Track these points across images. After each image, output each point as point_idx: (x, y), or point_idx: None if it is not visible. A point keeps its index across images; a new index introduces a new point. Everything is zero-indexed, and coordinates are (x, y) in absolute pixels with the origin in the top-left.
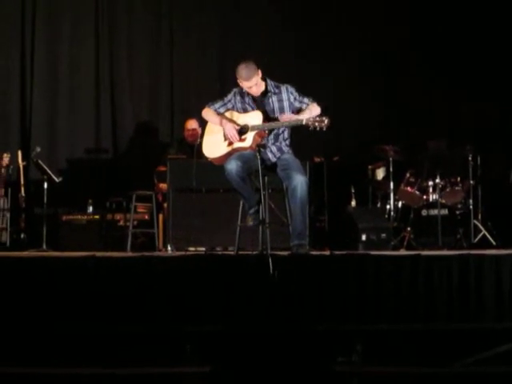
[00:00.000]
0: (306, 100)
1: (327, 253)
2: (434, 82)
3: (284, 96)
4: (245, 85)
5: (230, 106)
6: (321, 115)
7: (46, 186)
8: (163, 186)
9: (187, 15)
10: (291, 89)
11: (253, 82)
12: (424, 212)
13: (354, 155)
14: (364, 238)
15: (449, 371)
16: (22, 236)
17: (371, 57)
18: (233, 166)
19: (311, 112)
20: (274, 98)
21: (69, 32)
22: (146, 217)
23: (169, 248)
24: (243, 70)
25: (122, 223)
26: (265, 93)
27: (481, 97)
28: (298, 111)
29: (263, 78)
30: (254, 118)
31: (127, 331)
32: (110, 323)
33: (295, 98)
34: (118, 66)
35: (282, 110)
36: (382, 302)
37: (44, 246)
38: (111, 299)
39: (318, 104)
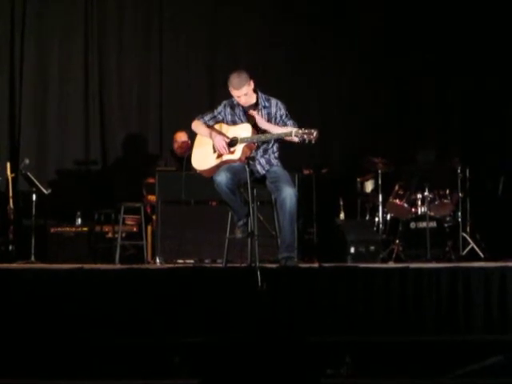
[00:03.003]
0: (289, 123)
1: (316, 265)
2: (424, 94)
3: (273, 110)
4: (234, 93)
5: (220, 118)
6: (309, 128)
7: (34, 197)
8: (152, 197)
9: (177, 26)
10: (281, 105)
11: (242, 92)
12: (413, 224)
13: (343, 167)
14: (353, 250)
15: (438, 383)
16: (11, 248)
17: (360, 69)
18: (222, 177)
19: (287, 136)
20: (264, 112)
21: (58, 43)
22: (135, 229)
23: (157, 260)
24: (235, 79)
25: (110, 235)
26: (255, 105)
27: (470, 108)
28: None
29: (255, 90)
30: (244, 130)
31: (115, 343)
32: (98, 336)
33: (281, 116)
34: (107, 78)
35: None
36: (370, 315)
37: (32, 258)
38: (99, 311)
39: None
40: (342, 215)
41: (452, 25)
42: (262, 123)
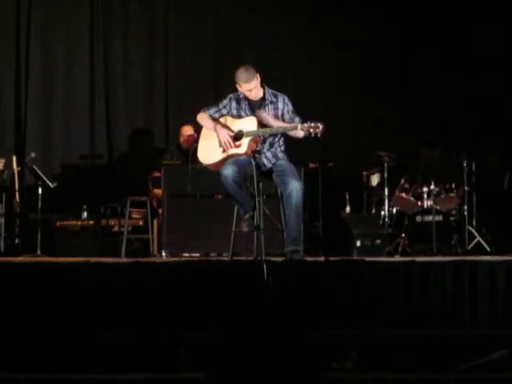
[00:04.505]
0: (296, 119)
1: (322, 259)
2: (429, 89)
3: (280, 105)
4: (244, 88)
5: (224, 111)
6: (315, 121)
7: (40, 191)
8: (158, 191)
9: (182, 22)
10: (288, 101)
11: (252, 85)
12: (418, 218)
13: (349, 161)
14: (358, 243)
15: (443, 378)
16: (17, 241)
17: (366, 64)
18: (229, 171)
19: (293, 130)
20: (271, 107)
21: (64, 38)
22: (141, 222)
23: (163, 254)
24: (243, 74)
25: (116, 229)
26: (262, 100)
27: (475, 105)
28: None
29: (261, 85)
30: (249, 123)
31: (121, 337)
32: (104, 329)
33: (288, 112)
34: (113, 72)
35: (276, 119)
36: (376, 309)
37: (38, 252)
38: (105, 305)
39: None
40: (347, 209)
41: (454, 24)
42: (270, 122)
